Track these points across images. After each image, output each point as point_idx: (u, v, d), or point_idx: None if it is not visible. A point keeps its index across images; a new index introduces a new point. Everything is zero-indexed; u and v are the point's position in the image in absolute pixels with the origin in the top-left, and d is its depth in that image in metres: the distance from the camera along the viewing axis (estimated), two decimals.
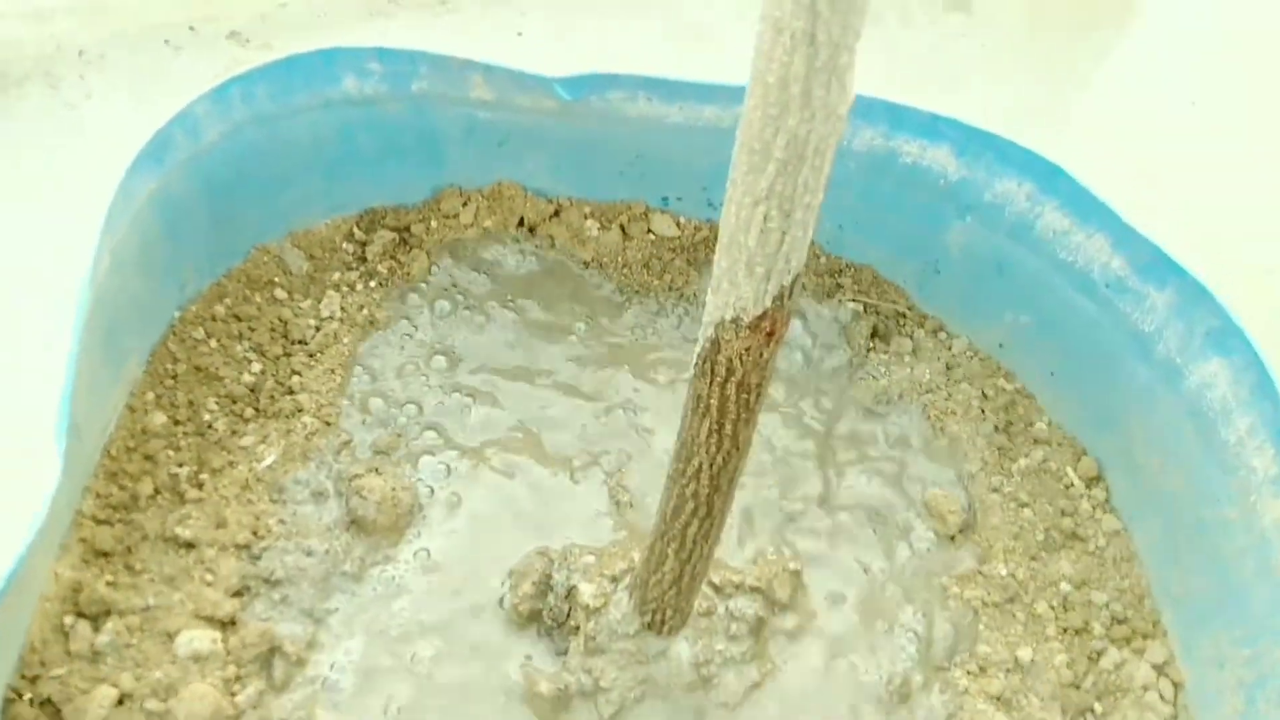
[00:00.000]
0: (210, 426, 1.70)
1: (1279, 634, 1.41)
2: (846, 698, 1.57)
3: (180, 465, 1.63)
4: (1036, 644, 1.65)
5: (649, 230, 2.08)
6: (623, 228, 2.06)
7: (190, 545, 1.53)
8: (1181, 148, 2.25)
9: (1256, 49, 2.70)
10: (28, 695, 1.34)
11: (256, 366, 1.79)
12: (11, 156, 1.97)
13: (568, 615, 1.55)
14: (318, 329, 1.86)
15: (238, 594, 1.50)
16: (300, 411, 1.75)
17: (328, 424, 1.74)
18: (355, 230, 2.00)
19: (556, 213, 2.06)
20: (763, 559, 1.67)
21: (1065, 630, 1.67)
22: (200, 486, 1.62)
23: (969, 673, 1.61)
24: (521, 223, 2.06)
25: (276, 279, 1.90)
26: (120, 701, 1.36)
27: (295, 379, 1.79)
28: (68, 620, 1.41)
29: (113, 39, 2.24)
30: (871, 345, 2.02)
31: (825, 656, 1.61)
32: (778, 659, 1.59)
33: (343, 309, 1.90)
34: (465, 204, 2.03)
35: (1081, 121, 2.32)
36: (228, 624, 1.46)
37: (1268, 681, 1.42)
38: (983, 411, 1.93)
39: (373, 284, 1.95)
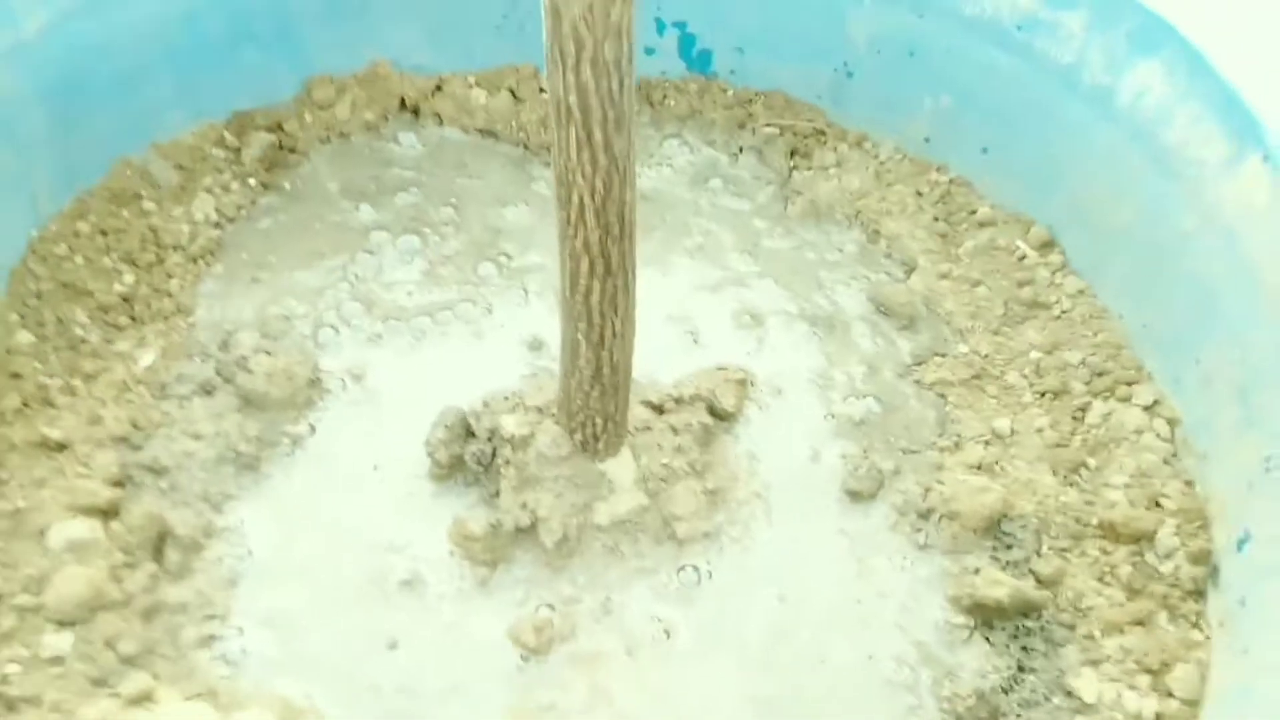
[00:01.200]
0: (83, 340, 1.54)
1: (1259, 321, 1.28)
2: (816, 492, 1.42)
3: (50, 376, 1.47)
4: (1014, 414, 1.51)
5: (542, 90, 1.95)
6: (512, 91, 1.93)
7: (61, 446, 1.37)
8: None
9: None
10: None
11: (129, 277, 1.63)
12: None
13: (493, 457, 1.40)
14: (191, 231, 1.71)
15: (118, 484, 1.33)
16: (179, 311, 1.60)
17: (211, 320, 1.59)
18: (226, 135, 1.85)
19: (439, 88, 1.93)
20: (703, 371, 1.52)
21: (1043, 395, 1.52)
22: (73, 394, 1.46)
23: (943, 449, 1.47)
24: (403, 105, 1.93)
25: (143, 191, 1.75)
26: None
27: (171, 282, 1.63)
28: None
29: None
30: (793, 165, 1.89)
31: (787, 459, 1.46)
32: (734, 467, 1.44)
33: (219, 210, 1.75)
34: (340, 93, 1.89)
35: None
36: (109, 513, 1.30)
37: (1260, 374, 1.28)
38: (920, 208, 1.80)
39: (252, 182, 1.80)
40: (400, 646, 1.25)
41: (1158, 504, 1.37)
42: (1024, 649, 1.25)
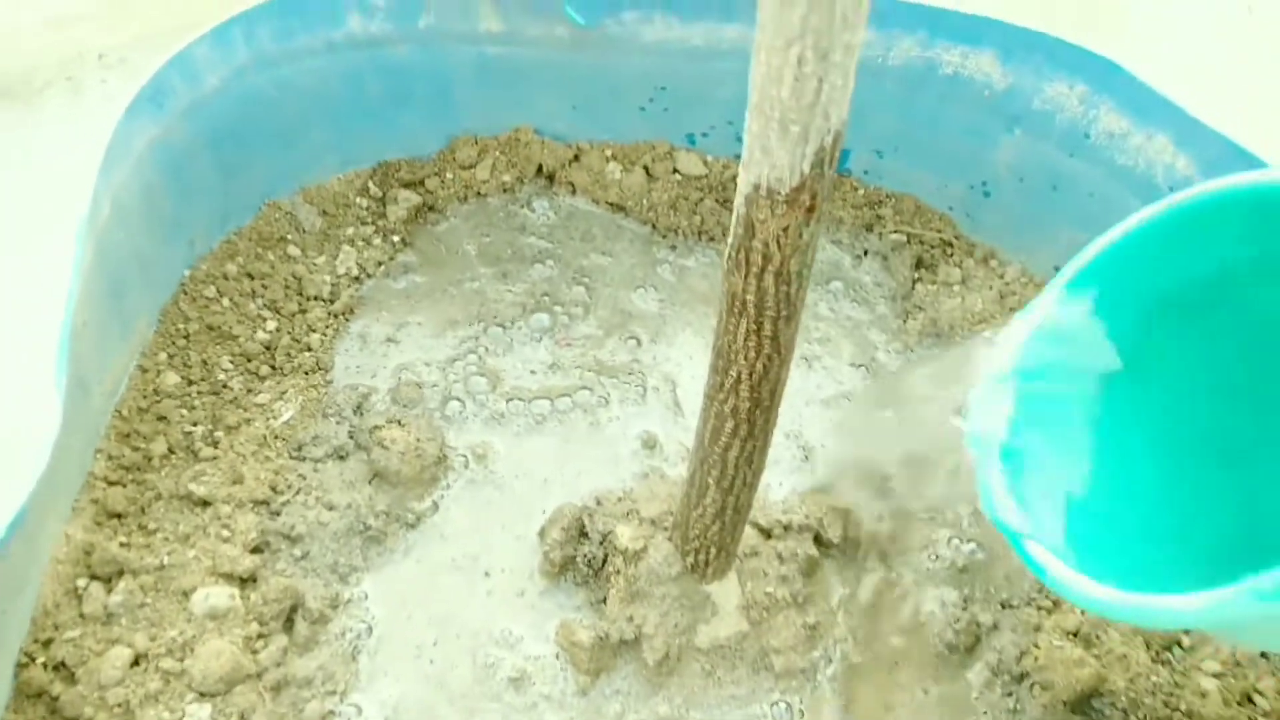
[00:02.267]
0: (225, 386, 1.62)
1: None
2: (914, 640, 1.45)
3: (194, 424, 1.56)
4: None
5: (675, 170, 1.97)
6: (646, 169, 1.96)
7: (206, 503, 1.45)
8: (1240, 51, 2.11)
9: None
10: (40, 659, 1.27)
11: (271, 324, 1.71)
12: (35, 161, 1.89)
13: (604, 562, 1.45)
14: (334, 285, 1.78)
15: (257, 550, 1.42)
16: (319, 368, 1.67)
17: (347, 380, 1.66)
18: (370, 185, 1.92)
19: (576, 157, 1.97)
20: (812, 495, 1.56)
21: None
22: (215, 445, 1.54)
23: (1041, 609, 1.49)
24: (540, 170, 1.97)
25: (289, 236, 1.82)
26: (135, 662, 1.28)
27: (313, 336, 1.71)
28: (80, 582, 1.34)
29: (133, 42, 2.14)
30: (917, 276, 1.90)
31: (886, 602, 1.49)
32: (833, 601, 1.48)
33: (359, 264, 1.82)
34: (481, 154, 1.94)
35: (1135, 28, 2.18)
36: (247, 580, 1.38)
37: None
38: None
39: (395, 239, 1.87)
40: None
41: (1250, 700, 1.38)
42: None
